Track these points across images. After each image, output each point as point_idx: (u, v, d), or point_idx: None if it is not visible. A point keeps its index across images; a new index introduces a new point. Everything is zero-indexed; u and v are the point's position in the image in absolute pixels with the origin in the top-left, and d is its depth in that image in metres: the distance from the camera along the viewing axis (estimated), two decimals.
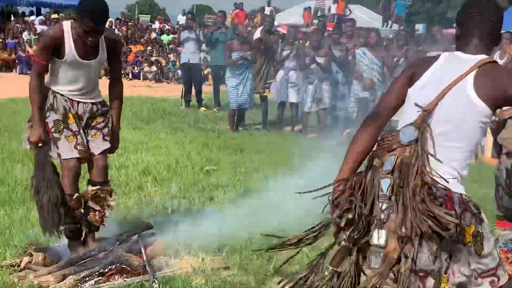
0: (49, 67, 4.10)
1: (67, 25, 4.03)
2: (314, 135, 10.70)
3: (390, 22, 24.16)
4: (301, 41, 11.41)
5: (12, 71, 22.16)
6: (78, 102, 4.17)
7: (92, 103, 4.24)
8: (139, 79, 23.80)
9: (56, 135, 4.07)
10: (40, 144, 3.99)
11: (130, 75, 24.33)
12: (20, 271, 3.98)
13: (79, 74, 4.13)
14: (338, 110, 11.03)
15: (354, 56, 10.33)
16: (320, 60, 10.23)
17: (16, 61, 22.29)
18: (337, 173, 2.73)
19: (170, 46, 25.31)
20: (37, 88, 4.04)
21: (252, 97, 11.02)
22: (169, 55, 24.78)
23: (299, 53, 10.69)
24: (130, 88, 19.58)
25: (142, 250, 4.20)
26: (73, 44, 3.99)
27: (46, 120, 4.08)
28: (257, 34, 13.01)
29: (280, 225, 5.15)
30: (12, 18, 28.89)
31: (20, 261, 4.08)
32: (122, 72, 24.32)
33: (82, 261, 4.10)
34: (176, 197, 5.96)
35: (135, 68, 24.46)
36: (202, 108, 13.78)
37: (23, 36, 23.98)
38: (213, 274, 4.06)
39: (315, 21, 22.61)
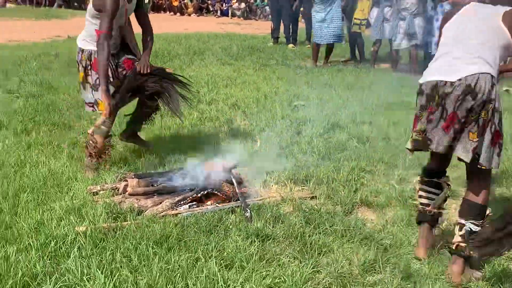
0: None
1: None
2: (404, 73, 10.52)
3: None
4: None
5: None
6: None
7: None
8: (227, 16, 23.88)
9: None
10: None
11: (219, 12, 24.45)
12: (119, 194, 4.25)
13: None
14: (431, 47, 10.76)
15: None
16: None
17: None
18: None
19: None
20: None
21: (340, 32, 10.87)
22: None
23: None
24: (219, 25, 19.79)
25: (233, 179, 4.37)
26: None
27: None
28: None
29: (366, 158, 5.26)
30: None
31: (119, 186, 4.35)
32: (211, 9, 24.53)
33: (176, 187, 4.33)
34: (264, 130, 6.09)
35: (224, 5, 24.52)
36: (290, 45, 13.76)
37: None
38: (301, 203, 4.18)
39: None
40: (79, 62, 4.65)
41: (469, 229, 3.24)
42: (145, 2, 4.96)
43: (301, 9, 14.64)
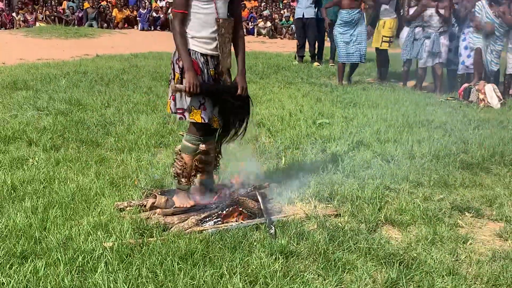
0: None
1: None
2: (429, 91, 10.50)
3: None
4: None
5: (133, 27, 23.12)
6: None
7: None
8: (253, 35, 24.06)
9: None
10: None
11: (245, 31, 24.64)
12: (146, 211, 4.31)
13: None
14: (454, 65, 10.73)
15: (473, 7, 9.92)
16: (441, 11, 9.95)
17: (137, 18, 23.20)
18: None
19: (284, 1, 25.29)
20: None
21: (364, 52, 10.88)
22: (282, 11, 24.77)
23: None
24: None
25: (258, 196, 4.41)
26: None
27: None
28: None
29: (391, 177, 5.25)
30: None
31: (146, 203, 4.41)
32: None
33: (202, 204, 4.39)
34: (289, 148, 6.13)
35: (249, 24, 24.71)
36: (316, 63, 13.82)
37: None
38: (325, 220, 4.19)
39: None
40: (175, 62, 4.16)
41: None
42: None
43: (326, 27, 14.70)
